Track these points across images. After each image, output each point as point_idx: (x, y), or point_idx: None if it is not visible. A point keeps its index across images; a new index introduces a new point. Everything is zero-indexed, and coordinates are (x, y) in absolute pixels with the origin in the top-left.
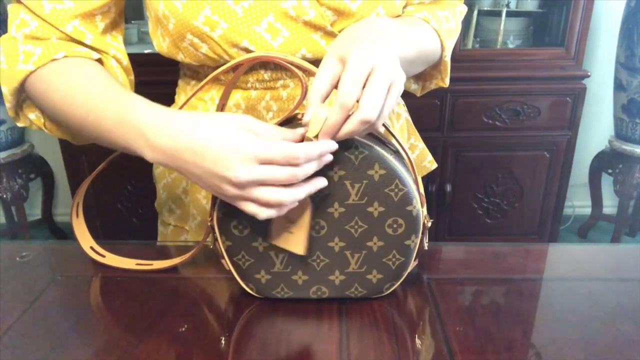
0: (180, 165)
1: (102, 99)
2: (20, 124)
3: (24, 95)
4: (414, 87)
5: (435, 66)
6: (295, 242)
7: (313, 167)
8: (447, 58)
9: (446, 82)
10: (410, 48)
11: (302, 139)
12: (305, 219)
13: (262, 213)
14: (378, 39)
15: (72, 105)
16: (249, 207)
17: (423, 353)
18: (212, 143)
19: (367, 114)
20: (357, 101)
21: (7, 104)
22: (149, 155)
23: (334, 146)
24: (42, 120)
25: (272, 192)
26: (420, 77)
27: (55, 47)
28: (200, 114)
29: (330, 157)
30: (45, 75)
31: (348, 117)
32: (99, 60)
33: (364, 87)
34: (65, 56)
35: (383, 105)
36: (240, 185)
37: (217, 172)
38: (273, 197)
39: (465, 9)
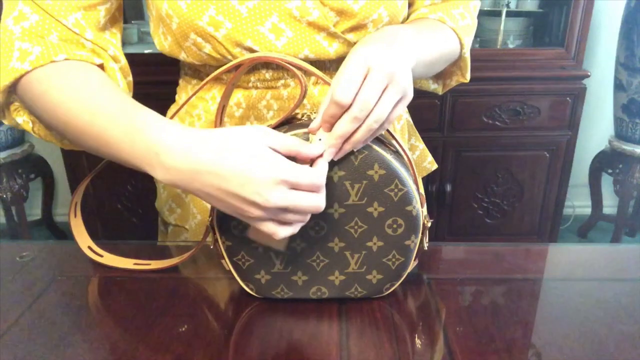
0: (198, 187)
1: (111, 108)
2: (5, 122)
3: (13, 97)
4: (434, 87)
5: (455, 63)
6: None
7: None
8: (467, 54)
9: (467, 77)
10: (428, 51)
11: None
12: None
13: (281, 232)
14: (391, 42)
15: (75, 112)
16: (268, 227)
17: (423, 353)
18: (239, 168)
19: (355, 111)
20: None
21: None
22: (160, 175)
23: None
24: (31, 125)
25: (294, 216)
26: (440, 76)
27: (56, 48)
28: (219, 133)
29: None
30: (44, 77)
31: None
32: (101, 66)
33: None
34: (66, 59)
35: (376, 104)
36: (268, 210)
37: (244, 196)
38: (296, 219)
39: (479, 3)
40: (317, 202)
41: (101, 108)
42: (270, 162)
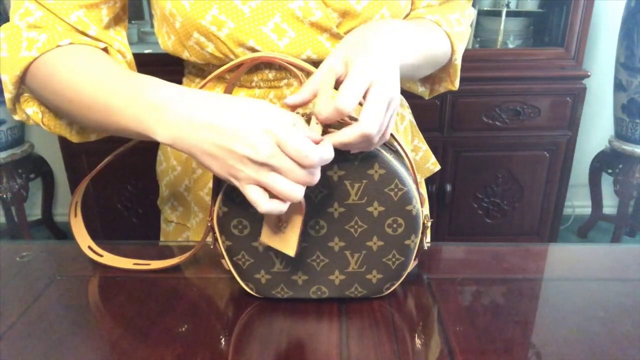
0: (194, 143)
1: (114, 78)
2: (16, 117)
3: (22, 88)
4: (422, 90)
5: (444, 69)
6: (286, 243)
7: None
8: (458, 61)
9: (456, 85)
10: (416, 52)
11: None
12: (298, 220)
13: (264, 205)
14: (382, 44)
15: (80, 87)
16: (255, 194)
17: (423, 353)
18: (233, 121)
19: (368, 129)
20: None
21: (7, 95)
22: (160, 132)
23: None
24: (40, 116)
25: (286, 182)
26: (428, 80)
27: (61, 34)
28: (220, 94)
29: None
30: (51, 59)
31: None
32: (105, 50)
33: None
34: (71, 43)
35: (382, 121)
36: (257, 164)
37: (236, 151)
38: (286, 187)
39: (474, 12)
40: (311, 176)
41: (105, 80)
42: (261, 113)
